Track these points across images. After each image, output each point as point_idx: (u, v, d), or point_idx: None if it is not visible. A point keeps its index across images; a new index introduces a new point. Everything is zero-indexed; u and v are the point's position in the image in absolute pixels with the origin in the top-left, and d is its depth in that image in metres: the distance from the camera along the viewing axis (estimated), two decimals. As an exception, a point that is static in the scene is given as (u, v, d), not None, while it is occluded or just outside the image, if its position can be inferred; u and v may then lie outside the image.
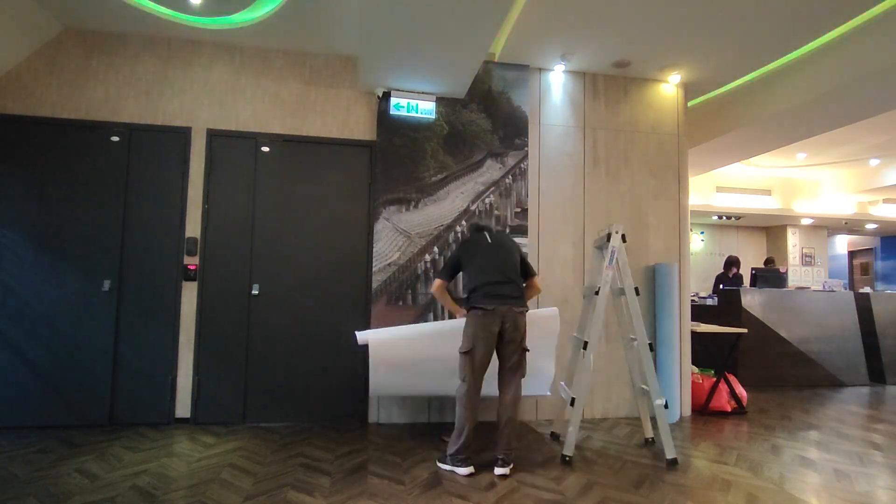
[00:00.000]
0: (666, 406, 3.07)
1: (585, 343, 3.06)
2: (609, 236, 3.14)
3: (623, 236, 3.14)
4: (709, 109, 5.09)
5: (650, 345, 3.14)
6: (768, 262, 7.38)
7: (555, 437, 3.44)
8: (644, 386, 3.23)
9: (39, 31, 3.53)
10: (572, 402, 3.01)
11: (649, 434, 3.40)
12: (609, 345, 4.00)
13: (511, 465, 2.78)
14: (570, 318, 3.81)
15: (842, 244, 11.29)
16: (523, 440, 3.35)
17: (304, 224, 3.82)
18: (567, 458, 2.94)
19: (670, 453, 2.97)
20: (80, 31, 3.67)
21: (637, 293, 3.18)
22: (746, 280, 6.44)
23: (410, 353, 3.18)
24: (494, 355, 2.88)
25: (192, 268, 3.64)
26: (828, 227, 9.63)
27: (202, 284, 3.65)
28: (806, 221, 9.13)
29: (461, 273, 3.11)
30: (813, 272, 9.38)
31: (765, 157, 6.96)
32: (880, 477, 2.84)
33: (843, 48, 3.74)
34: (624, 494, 2.51)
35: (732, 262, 6.66)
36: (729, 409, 4.22)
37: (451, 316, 3.36)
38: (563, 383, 3.41)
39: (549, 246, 4.04)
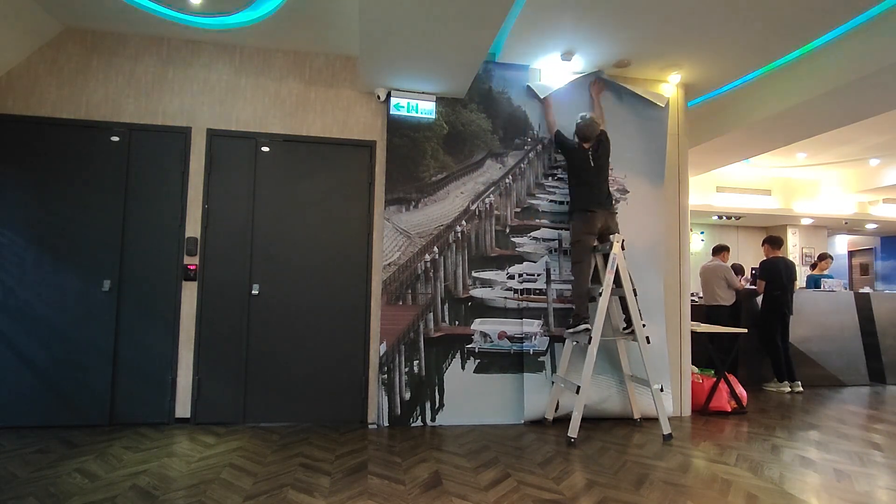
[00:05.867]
0: (662, 390, 3.53)
1: (590, 338, 3.39)
2: (610, 245, 3.52)
3: (623, 244, 3.54)
4: (709, 109, 5.09)
5: (647, 338, 3.52)
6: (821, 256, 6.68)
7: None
8: (632, 373, 3.76)
9: (39, 31, 3.53)
10: (577, 390, 3.35)
11: (637, 415, 3.82)
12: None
13: None
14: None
15: (842, 244, 11.29)
16: (523, 440, 3.36)
17: (304, 224, 3.82)
18: (572, 440, 3.28)
19: (666, 429, 3.41)
20: (80, 31, 3.67)
21: (635, 294, 3.56)
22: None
23: None
24: None
25: (192, 268, 3.64)
26: (828, 227, 9.64)
27: (202, 284, 3.65)
28: (806, 221, 9.14)
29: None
30: (813, 272, 9.37)
31: (765, 157, 6.97)
32: (880, 477, 2.84)
33: (842, 48, 3.74)
34: (624, 494, 2.51)
35: (737, 271, 6.32)
36: (729, 409, 4.22)
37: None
38: (561, 376, 3.69)
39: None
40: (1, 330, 3.41)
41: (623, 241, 3.58)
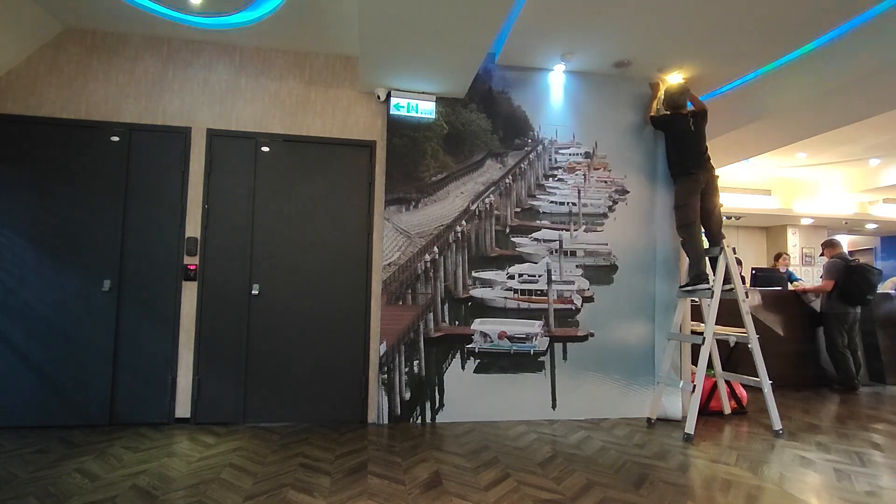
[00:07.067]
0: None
1: (703, 338, 3.58)
2: (720, 249, 3.70)
3: (734, 249, 3.76)
4: (709, 109, 5.08)
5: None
6: (778, 257, 7.30)
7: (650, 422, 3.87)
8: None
9: (39, 31, 3.53)
10: (693, 390, 3.51)
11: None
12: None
13: None
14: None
15: (842, 244, 11.27)
16: (523, 440, 3.36)
17: (304, 224, 3.82)
18: (688, 436, 3.40)
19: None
20: (80, 31, 3.67)
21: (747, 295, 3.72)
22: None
23: None
24: None
25: (192, 268, 3.64)
26: (828, 227, 9.63)
27: (202, 284, 3.65)
28: (806, 221, 9.14)
29: None
30: (813, 272, 9.37)
31: (765, 157, 6.96)
32: (880, 477, 2.84)
33: (843, 48, 3.74)
34: (624, 494, 2.51)
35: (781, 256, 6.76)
36: (729, 410, 4.22)
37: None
38: (670, 375, 3.86)
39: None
40: (1, 330, 3.41)
41: (734, 248, 3.78)
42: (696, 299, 4.02)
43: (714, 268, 3.75)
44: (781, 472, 2.86)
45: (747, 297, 3.70)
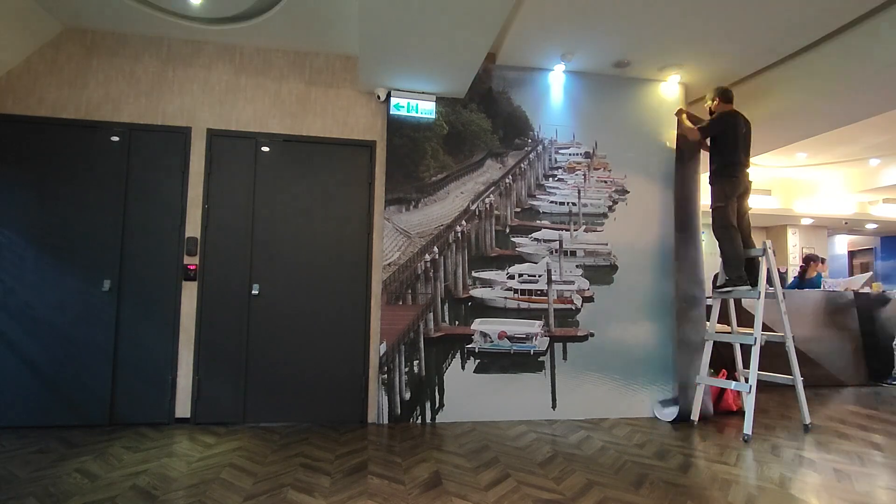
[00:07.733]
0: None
1: (755, 339, 3.54)
2: (763, 250, 3.69)
3: (774, 252, 3.74)
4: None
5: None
6: (811, 259, 7.09)
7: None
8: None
9: (39, 31, 3.53)
10: (749, 390, 3.51)
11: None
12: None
13: None
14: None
15: (842, 244, 11.28)
16: (523, 440, 3.35)
17: (304, 224, 3.82)
18: (746, 438, 3.39)
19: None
20: (80, 31, 3.67)
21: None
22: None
23: None
24: None
25: (192, 268, 3.64)
26: (828, 227, 9.63)
27: (202, 284, 3.65)
28: (806, 221, 9.13)
29: None
30: (812, 272, 9.35)
31: (765, 157, 6.96)
32: (880, 477, 2.84)
33: (843, 48, 3.74)
34: (624, 494, 2.51)
35: (811, 259, 6.59)
36: (734, 409, 4.21)
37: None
38: (706, 376, 3.84)
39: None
40: (1, 330, 3.41)
41: (773, 249, 3.71)
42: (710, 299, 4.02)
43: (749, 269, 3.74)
44: (781, 472, 2.86)
45: (783, 297, 3.72)
